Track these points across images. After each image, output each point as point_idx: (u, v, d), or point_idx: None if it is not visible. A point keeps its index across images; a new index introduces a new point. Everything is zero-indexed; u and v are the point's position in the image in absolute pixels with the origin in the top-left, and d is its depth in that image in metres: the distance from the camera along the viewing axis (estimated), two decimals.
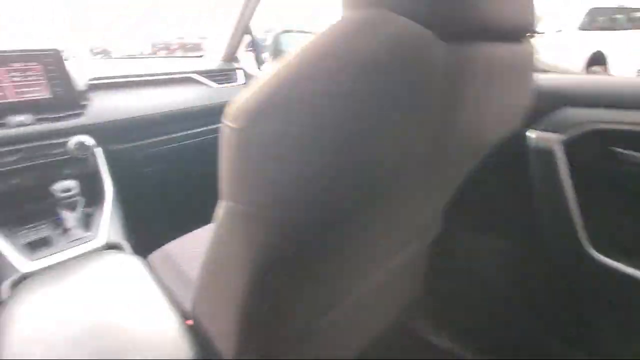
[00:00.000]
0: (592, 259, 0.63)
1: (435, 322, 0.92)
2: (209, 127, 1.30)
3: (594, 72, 5.35)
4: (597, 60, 5.34)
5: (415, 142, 0.32)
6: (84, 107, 0.98)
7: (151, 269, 0.68)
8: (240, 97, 0.30)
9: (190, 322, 0.52)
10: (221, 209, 0.35)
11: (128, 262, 0.69)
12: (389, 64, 0.27)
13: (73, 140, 0.93)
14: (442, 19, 0.29)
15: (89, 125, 0.98)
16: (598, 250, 0.63)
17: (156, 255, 0.84)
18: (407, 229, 0.54)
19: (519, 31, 0.41)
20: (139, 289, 0.60)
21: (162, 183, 1.28)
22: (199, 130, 1.27)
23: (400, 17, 0.28)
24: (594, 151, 0.64)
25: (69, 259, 0.72)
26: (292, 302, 0.42)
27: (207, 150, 1.32)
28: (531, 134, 0.67)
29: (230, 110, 0.30)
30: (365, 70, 0.27)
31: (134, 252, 0.84)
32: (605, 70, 5.12)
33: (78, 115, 0.96)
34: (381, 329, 0.71)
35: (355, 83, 0.27)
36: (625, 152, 0.62)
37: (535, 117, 0.67)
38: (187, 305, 0.54)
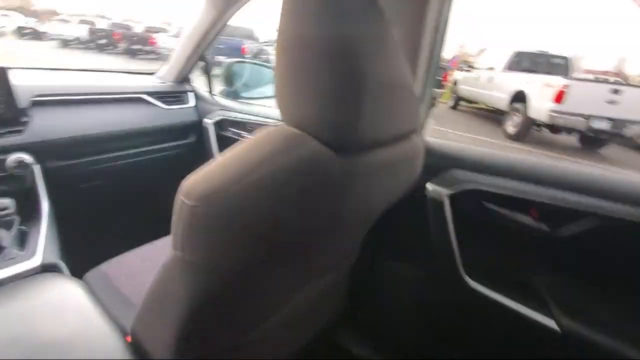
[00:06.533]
0: (467, 284, 0.82)
1: (357, 334, 1.06)
2: (154, 147, 1.33)
3: (516, 109, 6.14)
4: (519, 98, 6.13)
5: (318, 219, 0.45)
6: (24, 124, 0.98)
7: (88, 288, 0.72)
8: (194, 177, 0.40)
9: (129, 338, 0.59)
10: (168, 257, 0.44)
11: (65, 284, 0.73)
12: (301, 175, 0.40)
13: (12, 158, 0.93)
14: (341, 142, 0.42)
15: (29, 143, 0.98)
16: (470, 277, 0.82)
17: (93, 275, 0.88)
18: (321, 267, 0.67)
19: (406, 134, 0.56)
20: (77, 310, 0.65)
21: (100, 201, 1.29)
22: (143, 149, 1.30)
23: (313, 141, 0.41)
24: (471, 203, 0.82)
25: (3, 282, 0.73)
26: (223, 323, 0.52)
27: (149, 171, 1.35)
28: (429, 187, 0.84)
29: (186, 187, 0.40)
30: (280, 185, 0.39)
31: (71, 272, 0.87)
32: (526, 109, 5.88)
33: (18, 132, 0.96)
34: (306, 341, 0.82)
35: (278, 188, 0.39)
36: (493, 207, 0.82)
37: (433, 173, 0.85)
38: (125, 323, 0.61)
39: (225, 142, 1.38)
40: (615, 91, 5.24)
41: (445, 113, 8.40)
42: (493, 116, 7.30)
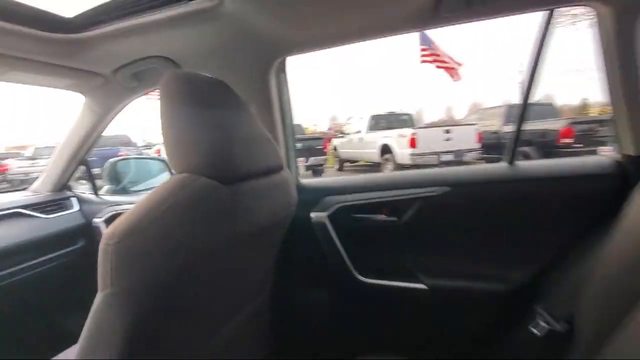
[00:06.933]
0: (362, 282, 1.01)
1: None
2: (38, 261, 1.24)
3: (387, 159, 7.37)
4: (386, 150, 7.41)
5: (217, 237, 0.58)
6: None
7: None
8: (115, 224, 0.50)
9: None
10: (96, 300, 0.50)
11: None
12: (195, 203, 0.54)
13: None
14: (223, 176, 0.58)
15: None
16: (363, 275, 1.02)
17: None
18: (242, 291, 0.77)
19: (274, 169, 0.76)
20: None
21: None
22: (23, 266, 1.20)
23: (201, 178, 0.55)
24: (345, 218, 1.06)
25: None
26: (158, 350, 0.57)
27: (38, 284, 1.23)
28: (312, 215, 1.05)
29: (107, 232, 0.49)
30: (182, 213, 0.52)
31: None
32: (394, 157, 7.12)
33: None
34: None
35: (177, 222, 0.51)
36: (359, 215, 1.07)
37: (313, 205, 1.07)
38: None
39: None
40: (447, 131, 6.86)
41: (334, 175, 9.38)
42: (373, 169, 8.48)
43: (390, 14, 0.86)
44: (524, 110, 0.94)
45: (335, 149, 10.10)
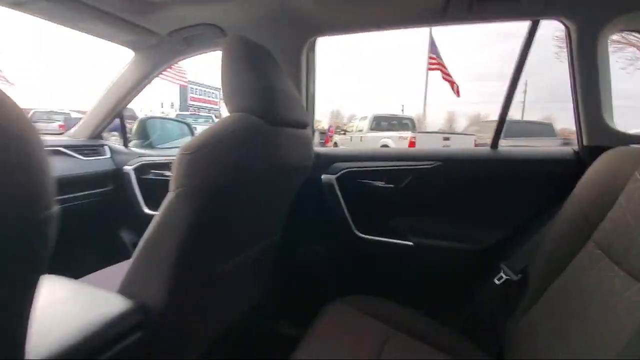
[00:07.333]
0: (359, 237, 1.19)
1: (279, 312, 1.29)
2: (75, 195, 1.40)
3: None
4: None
5: (259, 162, 0.75)
6: None
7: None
8: (190, 141, 0.66)
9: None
10: (167, 198, 0.66)
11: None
12: (247, 133, 0.70)
13: None
14: (267, 117, 0.75)
15: None
16: (360, 232, 1.20)
17: None
18: (263, 223, 0.95)
19: (301, 124, 0.93)
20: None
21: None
22: (69, 196, 1.36)
23: (252, 117, 0.72)
24: (351, 181, 1.24)
25: None
26: (209, 245, 0.72)
27: (70, 219, 1.38)
28: (323, 177, 1.23)
29: (182, 147, 0.65)
30: (239, 139, 0.69)
31: None
32: None
33: None
34: (243, 307, 1.02)
35: (234, 145, 0.68)
36: (364, 181, 1.25)
37: (325, 168, 1.24)
38: None
39: (147, 186, 1.53)
40: (446, 138, 7.09)
41: None
42: None
43: (407, 8, 1.04)
44: (508, 105, 1.13)
45: (335, 144, 10.32)
